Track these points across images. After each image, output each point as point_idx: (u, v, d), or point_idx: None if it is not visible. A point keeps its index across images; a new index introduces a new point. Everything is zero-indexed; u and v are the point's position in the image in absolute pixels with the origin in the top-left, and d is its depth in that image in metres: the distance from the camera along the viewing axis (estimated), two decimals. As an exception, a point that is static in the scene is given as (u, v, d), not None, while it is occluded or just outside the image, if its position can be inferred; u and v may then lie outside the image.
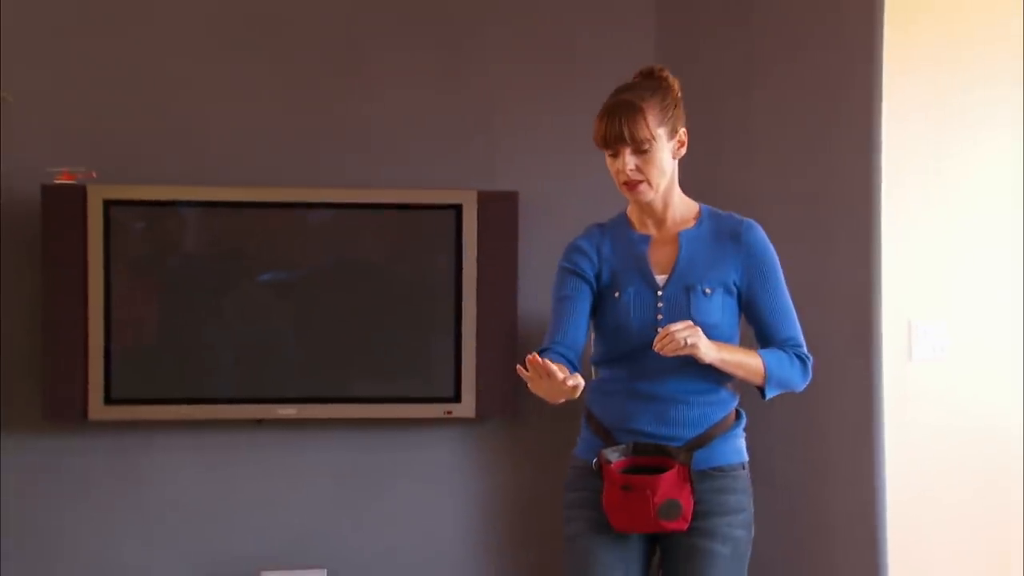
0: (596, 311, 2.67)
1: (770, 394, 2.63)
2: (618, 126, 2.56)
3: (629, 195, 2.62)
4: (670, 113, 2.61)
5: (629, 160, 2.57)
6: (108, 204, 3.77)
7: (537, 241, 3.96)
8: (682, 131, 2.65)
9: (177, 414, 3.83)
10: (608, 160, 2.62)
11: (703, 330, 2.51)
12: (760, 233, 2.68)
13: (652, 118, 2.57)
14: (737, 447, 2.68)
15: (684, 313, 2.57)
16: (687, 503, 2.54)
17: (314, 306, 3.92)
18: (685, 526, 2.56)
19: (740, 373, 2.60)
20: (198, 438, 3.93)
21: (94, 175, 3.76)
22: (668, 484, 2.52)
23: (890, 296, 3.41)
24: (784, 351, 2.63)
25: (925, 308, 3.43)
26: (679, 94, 2.66)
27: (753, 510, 2.69)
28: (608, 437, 2.62)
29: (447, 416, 3.90)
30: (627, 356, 2.62)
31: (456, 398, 3.89)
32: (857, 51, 3.42)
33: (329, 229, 3.94)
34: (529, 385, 2.47)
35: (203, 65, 3.96)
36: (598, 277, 2.65)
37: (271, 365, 3.88)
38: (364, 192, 3.89)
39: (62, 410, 3.76)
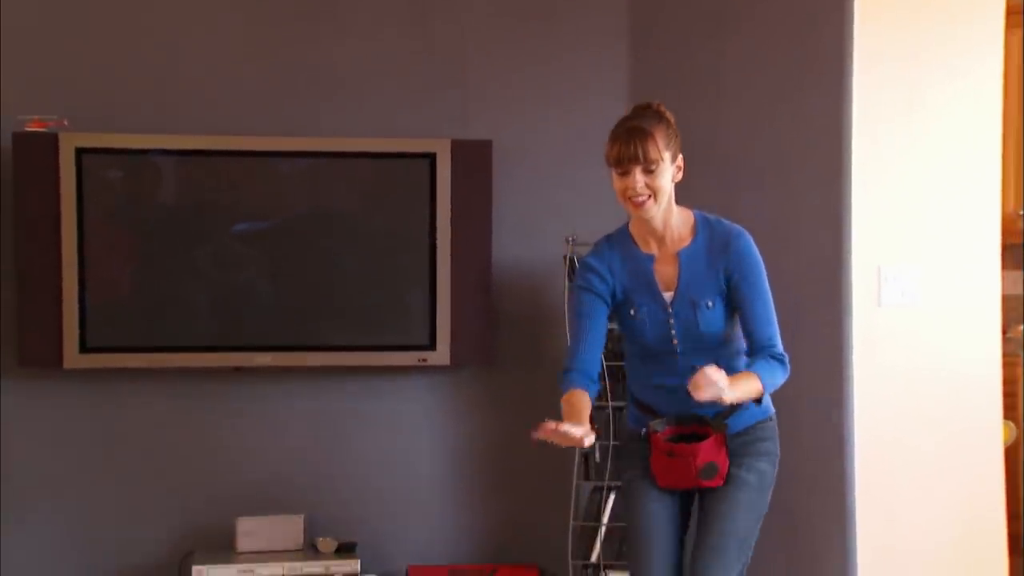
0: (616, 318, 2.99)
1: (765, 398, 2.97)
2: (633, 148, 2.84)
3: (634, 211, 2.90)
4: (672, 140, 2.90)
5: (639, 179, 2.84)
6: (80, 152, 3.75)
7: (511, 189, 3.97)
8: (680, 158, 2.93)
9: (152, 362, 3.84)
10: (616, 178, 2.88)
11: (711, 338, 2.93)
12: (747, 241, 2.96)
13: (660, 141, 2.86)
14: (763, 406, 3.01)
15: (693, 326, 2.93)
16: (723, 463, 2.93)
17: (289, 255, 3.92)
18: (721, 482, 2.94)
19: (746, 398, 2.91)
20: (174, 387, 3.94)
21: (65, 123, 3.74)
22: (707, 450, 2.90)
23: (859, 241, 3.45)
24: (766, 359, 2.92)
25: (894, 254, 3.47)
26: (675, 125, 2.93)
27: (779, 454, 3.02)
28: (652, 412, 2.99)
29: (422, 364, 3.92)
30: (651, 359, 2.98)
31: (431, 346, 3.92)
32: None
33: (303, 178, 3.94)
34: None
35: (175, 13, 3.94)
36: (612, 294, 2.97)
37: (247, 314, 3.89)
38: (338, 141, 3.89)
39: (38, 358, 3.77)
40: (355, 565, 3.76)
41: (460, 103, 4.04)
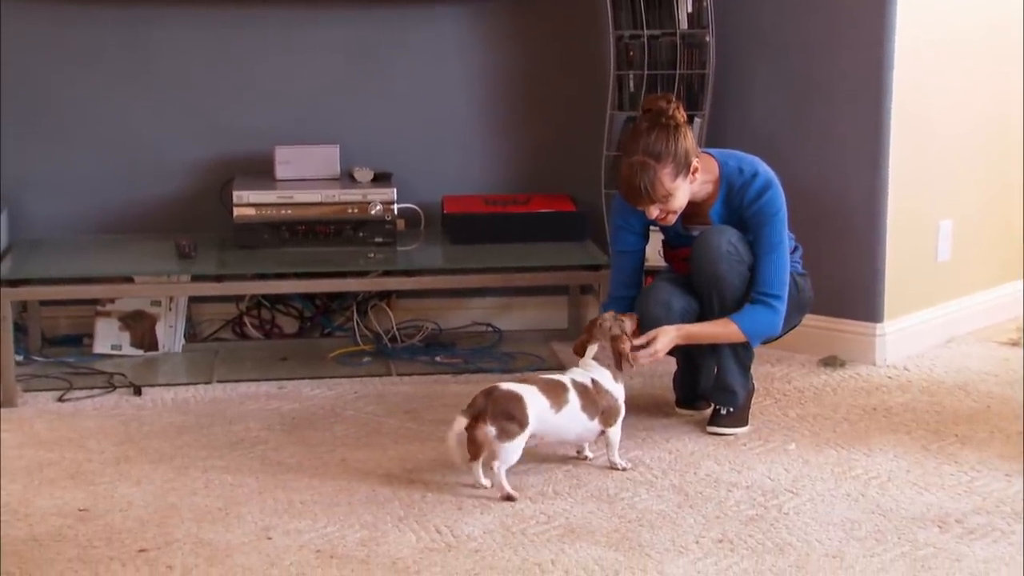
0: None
1: (755, 345, 3.13)
2: (639, 190, 2.93)
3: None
4: (682, 159, 2.94)
5: (653, 210, 2.99)
6: None
7: None
8: (694, 161, 2.97)
9: (180, -13, 3.75)
10: None
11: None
12: (760, 191, 3.04)
13: (667, 177, 2.93)
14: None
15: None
16: None
17: None
18: None
19: (716, 341, 3.12)
20: (202, 13, 3.86)
21: None
22: None
23: None
24: (756, 306, 3.06)
25: None
26: (684, 122, 2.96)
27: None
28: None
29: (454, -7, 3.87)
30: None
31: (463, -27, 3.86)
32: None
33: None
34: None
35: None
36: (647, 224, 3.12)
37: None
38: None
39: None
40: (391, 193, 3.78)
41: None
